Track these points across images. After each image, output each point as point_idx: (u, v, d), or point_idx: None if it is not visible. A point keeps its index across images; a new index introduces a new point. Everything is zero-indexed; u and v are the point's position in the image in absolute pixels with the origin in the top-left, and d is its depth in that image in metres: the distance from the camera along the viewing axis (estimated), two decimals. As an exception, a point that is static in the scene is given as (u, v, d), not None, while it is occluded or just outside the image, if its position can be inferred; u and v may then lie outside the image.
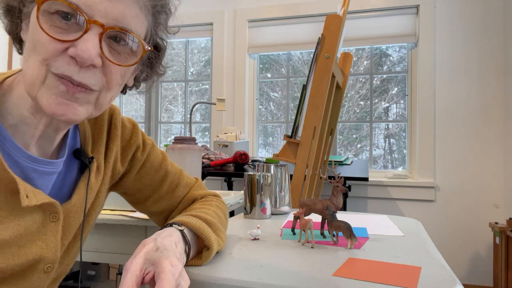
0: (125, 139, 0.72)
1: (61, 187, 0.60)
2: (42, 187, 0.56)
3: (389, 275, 0.59)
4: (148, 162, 0.76)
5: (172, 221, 0.65)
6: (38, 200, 0.53)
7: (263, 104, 3.21)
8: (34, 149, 0.56)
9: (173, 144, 1.17)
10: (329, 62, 1.54)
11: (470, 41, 2.66)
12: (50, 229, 0.57)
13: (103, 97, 0.54)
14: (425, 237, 0.86)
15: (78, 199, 0.61)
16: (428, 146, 2.70)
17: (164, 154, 0.81)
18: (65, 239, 0.60)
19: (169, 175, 0.79)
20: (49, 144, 0.58)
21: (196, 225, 0.65)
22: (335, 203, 0.86)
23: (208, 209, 0.75)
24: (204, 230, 0.65)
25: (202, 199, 0.82)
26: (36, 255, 0.55)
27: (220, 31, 3.16)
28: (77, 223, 0.62)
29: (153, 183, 0.77)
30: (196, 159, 1.16)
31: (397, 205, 2.74)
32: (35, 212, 0.54)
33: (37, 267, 0.55)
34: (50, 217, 0.56)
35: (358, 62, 3.01)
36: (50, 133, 0.56)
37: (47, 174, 0.56)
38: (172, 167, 0.81)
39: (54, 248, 0.57)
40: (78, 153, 0.62)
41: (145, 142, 0.76)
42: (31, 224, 0.54)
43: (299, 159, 1.51)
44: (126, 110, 3.52)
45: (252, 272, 0.60)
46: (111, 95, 0.55)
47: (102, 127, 0.68)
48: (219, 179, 3.07)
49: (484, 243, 2.60)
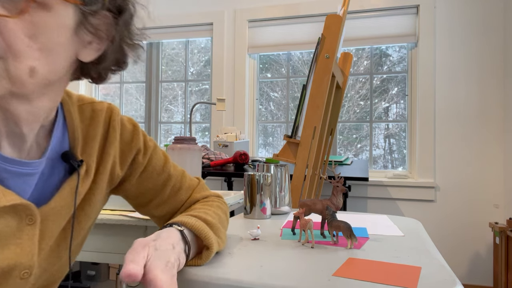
0: (125, 142, 0.69)
1: (43, 190, 0.56)
2: (17, 189, 0.52)
3: (389, 275, 0.59)
4: (150, 166, 0.73)
5: (172, 221, 0.65)
6: (9, 201, 0.49)
7: (263, 104, 3.21)
8: (7, 149, 0.52)
9: (173, 144, 1.17)
10: (329, 62, 1.54)
11: (470, 41, 2.66)
12: (26, 232, 0.53)
13: (13, 67, 0.45)
14: (425, 237, 0.86)
15: (58, 202, 0.57)
16: (428, 146, 2.70)
17: (166, 156, 0.78)
18: (44, 243, 0.56)
19: (171, 178, 0.76)
20: (22, 143, 0.53)
21: (195, 225, 0.65)
22: (335, 203, 0.86)
23: (209, 210, 0.74)
24: (203, 230, 0.65)
25: (204, 199, 0.81)
26: (11, 260, 0.51)
27: (220, 31, 3.16)
28: (58, 227, 0.58)
29: (156, 186, 0.75)
30: (196, 159, 1.16)
31: (397, 205, 2.74)
32: (8, 215, 0.50)
33: (11, 273, 0.52)
34: (26, 220, 0.52)
35: (358, 62, 3.01)
36: (14, 128, 0.51)
37: (23, 175, 0.53)
38: (175, 169, 0.78)
39: (31, 253, 0.53)
40: (66, 155, 0.58)
41: (147, 145, 0.73)
42: (3, 228, 0.50)
43: (299, 159, 1.51)
44: (126, 110, 3.52)
45: (252, 272, 0.60)
46: (25, 63, 0.45)
47: (96, 128, 0.63)
48: (219, 179, 3.07)
49: (484, 243, 2.60)
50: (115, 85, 3.56)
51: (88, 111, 0.64)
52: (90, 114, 0.64)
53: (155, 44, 3.44)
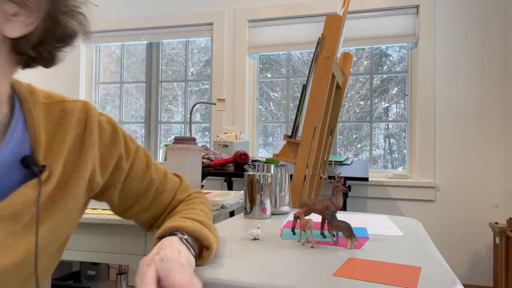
0: (105, 146, 0.63)
1: None
2: None
3: (389, 275, 0.59)
4: (132, 171, 0.69)
5: (168, 228, 0.63)
6: None
7: (263, 104, 3.21)
8: None
9: (173, 144, 1.17)
10: (329, 62, 1.54)
11: (470, 41, 2.67)
12: None
13: None
14: (425, 237, 0.86)
15: (11, 207, 0.50)
16: (428, 146, 2.70)
17: (148, 157, 0.73)
18: None
19: (154, 182, 0.73)
20: None
21: (193, 228, 0.64)
22: (335, 203, 0.86)
23: (194, 209, 0.73)
24: (201, 231, 0.64)
25: (186, 198, 0.79)
26: None
27: (220, 31, 3.16)
28: (15, 233, 0.52)
29: (138, 192, 0.71)
30: (196, 159, 1.16)
31: (397, 205, 2.74)
32: None
33: None
34: None
35: (358, 62, 3.01)
36: None
37: None
38: (157, 171, 0.74)
39: None
40: (25, 160, 0.51)
41: (128, 148, 0.67)
42: None
43: (299, 159, 1.51)
44: (126, 110, 3.52)
45: (252, 272, 0.60)
46: None
47: (66, 129, 0.57)
48: (219, 179, 3.07)
49: (484, 243, 2.60)
50: (115, 85, 3.56)
51: (56, 110, 0.58)
52: (59, 113, 0.58)
53: (155, 44, 3.44)
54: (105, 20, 3.45)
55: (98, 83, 3.60)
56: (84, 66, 3.56)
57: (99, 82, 3.60)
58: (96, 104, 3.59)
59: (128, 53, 3.53)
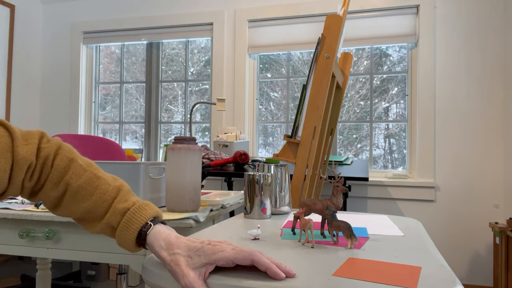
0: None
1: None
2: None
3: (389, 275, 0.59)
4: None
5: (143, 219, 0.67)
6: None
7: (263, 104, 3.21)
8: None
9: (173, 144, 1.17)
10: (329, 62, 1.54)
11: (470, 41, 2.66)
12: None
13: None
14: (425, 237, 0.86)
15: None
16: (428, 146, 2.70)
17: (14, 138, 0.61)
18: None
19: None
20: None
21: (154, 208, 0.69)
22: (335, 203, 0.86)
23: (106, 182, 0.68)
24: (149, 207, 0.69)
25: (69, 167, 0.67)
26: None
27: (220, 31, 3.16)
28: None
29: None
30: (196, 159, 1.16)
31: (397, 205, 2.74)
32: None
33: None
34: None
35: (358, 62, 3.00)
36: None
37: None
38: None
39: None
40: None
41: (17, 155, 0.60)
42: None
43: (299, 159, 1.51)
44: (126, 110, 3.52)
45: (252, 272, 0.60)
46: None
47: None
48: (219, 179, 3.07)
49: (484, 243, 2.60)
50: (115, 85, 3.56)
51: None
52: None
53: (155, 44, 3.44)
54: (105, 20, 3.45)
55: (98, 83, 3.60)
56: (84, 66, 3.56)
57: (99, 82, 3.60)
58: (96, 104, 3.59)
59: (128, 53, 3.53)
